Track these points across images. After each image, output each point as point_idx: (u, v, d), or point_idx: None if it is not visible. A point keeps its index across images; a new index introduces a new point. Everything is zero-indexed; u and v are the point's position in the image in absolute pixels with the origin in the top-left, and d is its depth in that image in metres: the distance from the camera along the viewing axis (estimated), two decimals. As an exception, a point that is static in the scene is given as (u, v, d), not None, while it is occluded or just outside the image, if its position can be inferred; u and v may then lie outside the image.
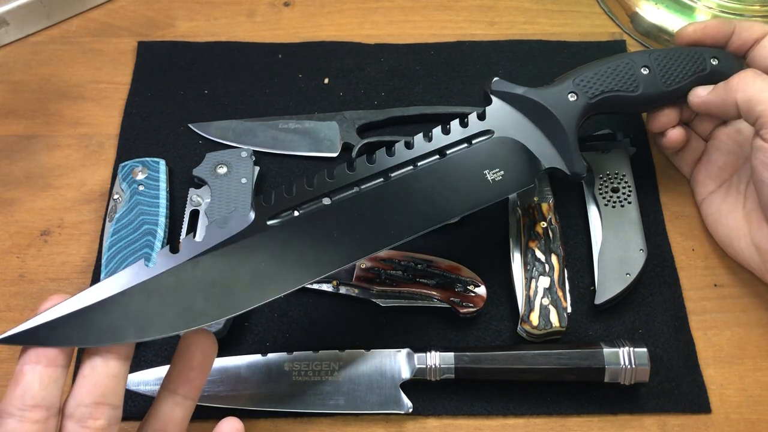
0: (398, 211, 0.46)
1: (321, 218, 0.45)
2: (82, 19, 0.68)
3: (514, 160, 0.49)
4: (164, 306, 0.40)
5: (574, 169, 0.50)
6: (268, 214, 0.44)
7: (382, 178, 0.47)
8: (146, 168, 0.56)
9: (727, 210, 0.54)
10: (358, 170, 0.46)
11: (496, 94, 0.51)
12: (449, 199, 0.47)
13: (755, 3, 0.65)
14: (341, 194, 0.45)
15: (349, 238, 0.44)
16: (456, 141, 0.49)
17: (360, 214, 0.45)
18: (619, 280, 0.52)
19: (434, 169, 0.48)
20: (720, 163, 0.55)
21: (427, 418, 0.49)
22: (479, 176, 0.48)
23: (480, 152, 0.49)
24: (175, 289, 0.40)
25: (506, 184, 0.48)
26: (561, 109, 0.50)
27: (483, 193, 0.48)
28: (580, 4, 0.70)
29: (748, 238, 0.52)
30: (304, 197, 0.45)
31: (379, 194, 0.46)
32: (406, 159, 0.47)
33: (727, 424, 0.49)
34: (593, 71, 0.52)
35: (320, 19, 0.69)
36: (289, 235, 0.44)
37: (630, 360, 0.47)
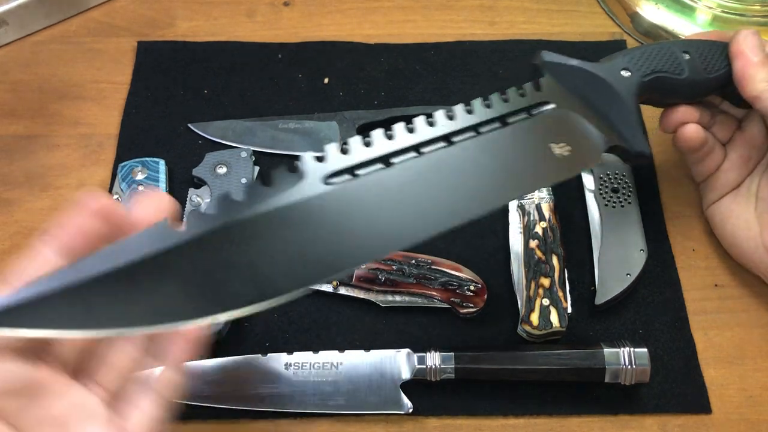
0: (465, 180, 0.40)
1: (381, 184, 0.38)
2: (82, 18, 0.68)
3: (577, 135, 0.44)
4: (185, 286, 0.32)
5: (637, 147, 0.45)
6: (322, 173, 0.37)
7: (445, 143, 0.41)
8: (146, 168, 0.56)
9: (737, 212, 0.53)
10: (418, 131, 0.41)
11: (547, 66, 0.47)
12: (516, 173, 0.42)
13: (755, 3, 0.65)
14: (401, 158, 0.39)
15: (413, 210, 0.38)
16: (516, 110, 0.43)
17: (423, 183, 0.39)
18: (620, 281, 0.52)
19: (497, 138, 0.42)
20: (738, 170, 0.54)
21: (427, 418, 0.49)
22: (545, 149, 0.43)
23: (542, 123, 0.44)
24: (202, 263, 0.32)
25: (575, 160, 0.43)
26: (619, 83, 0.47)
27: (551, 169, 0.42)
28: (580, 4, 0.70)
29: (757, 239, 0.52)
30: (360, 158, 0.38)
31: (441, 160, 0.40)
32: (467, 125, 0.42)
33: (727, 424, 0.49)
34: (640, 51, 0.49)
35: (320, 19, 0.69)
36: (348, 202, 0.37)
37: (630, 360, 0.47)
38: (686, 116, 0.52)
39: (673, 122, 0.52)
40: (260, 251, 0.34)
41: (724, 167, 0.54)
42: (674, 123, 0.52)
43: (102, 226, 0.33)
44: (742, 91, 0.50)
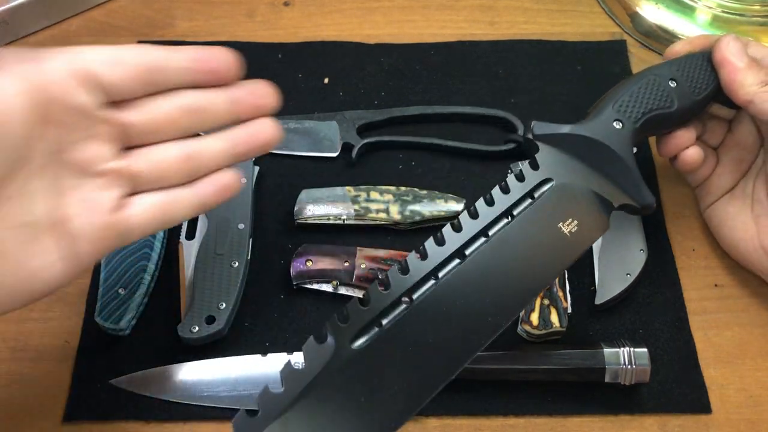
0: (486, 294, 0.41)
1: (407, 326, 0.39)
2: (82, 19, 0.68)
3: (583, 206, 0.44)
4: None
5: (644, 201, 0.45)
6: (348, 335, 0.38)
7: (459, 260, 0.41)
8: (146, 168, 0.56)
9: (734, 213, 0.53)
10: (431, 257, 0.41)
11: (540, 138, 0.46)
12: (533, 265, 0.42)
13: (755, 3, 0.65)
14: (420, 290, 0.40)
15: (445, 342, 0.39)
16: (519, 199, 0.43)
17: (448, 308, 0.40)
18: (620, 280, 0.52)
19: (507, 235, 0.42)
20: (732, 172, 0.54)
21: (427, 418, 0.49)
22: (554, 230, 0.43)
23: (547, 205, 0.43)
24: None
25: (584, 234, 0.43)
26: (613, 140, 0.46)
27: (564, 249, 0.43)
28: (580, 4, 0.70)
29: (755, 241, 0.52)
30: (381, 303, 0.39)
31: (459, 279, 0.40)
32: (475, 231, 0.42)
33: (727, 424, 0.49)
34: (627, 93, 0.48)
35: (320, 19, 0.69)
36: (380, 355, 0.38)
37: (630, 360, 0.47)
38: (684, 141, 0.52)
39: (673, 150, 0.52)
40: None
41: (718, 171, 0.55)
42: (674, 150, 0.52)
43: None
44: (734, 98, 0.50)
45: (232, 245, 0.52)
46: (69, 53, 0.36)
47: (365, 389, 0.37)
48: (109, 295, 0.50)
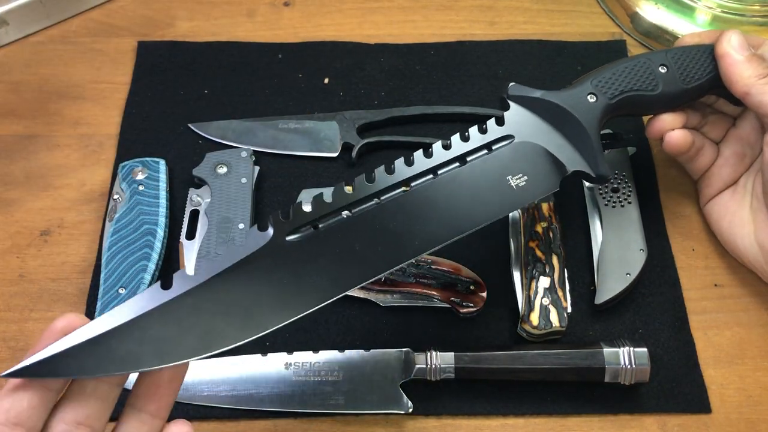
0: (421, 221, 0.44)
1: (341, 232, 0.43)
2: (82, 19, 0.68)
3: (537, 165, 0.47)
4: (182, 330, 0.38)
5: (599, 171, 0.48)
6: (286, 229, 0.42)
7: (403, 188, 0.45)
8: (146, 168, 0.56)
9: (733, 208, 0.54)
10: (378, 181, 0.45)
11: (514, 99, 0.49)
12: (472, 207, 0.45)
13: (755, 3, 0.65)
14: (361, 206, 0.44)
15: (372, 252, 0.43)
16: (476, 148, 0.47)
17: (382, 226, 0.44)
18: (619, 280, 0.52)
19: (455, 177, 0.46)
20: (733, 166, 0.54)
21: (427, 418, 0.49)
22: (502, 182, 0.46)
23: (501, 158, 0.47)
24: (193, 313, 0.38)
25: (531, 190, 0.47)
26: (581, 110, 0.49)
27: (507, 200, 0.46)
28: (580, 4, 0.70)
29: (752, 237, 0.52)
30: (322, 211, 0.43)
31: (400, 205, 0.45)
32: (425, 168, 0.46)
33: (727, 424, 0.49)
34: (611, 71, 0.51)
35: (320, 19, 0.69)
36: (310, 250, 0.42)
37: (630, 360, 0.47)
38: (671, 124, 0.53)
39: (657, 130, 0.53)
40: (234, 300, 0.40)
41: (718, 163, 0.55)
42: (658, 131, 0.53)
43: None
44: (732, 90, 0.50)
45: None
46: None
47: (289, 275, 0.41)
48: (109, 295, 0.50)
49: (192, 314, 0.38)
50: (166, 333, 0.37)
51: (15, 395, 0.34)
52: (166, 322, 0.38)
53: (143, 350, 0.36)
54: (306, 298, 0.41)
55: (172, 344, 0.37)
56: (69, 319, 0.36)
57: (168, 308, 0.38)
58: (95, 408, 0.36)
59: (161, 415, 0.38)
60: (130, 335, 0.37)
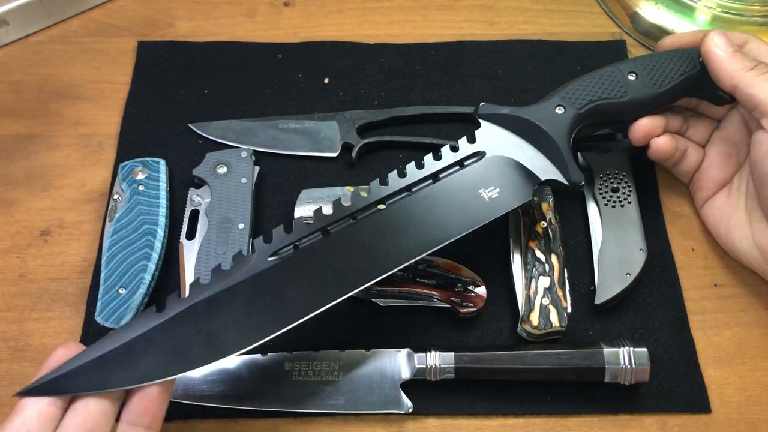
0: (396, 237, 0.47)
1: (319, 251, 0.46)
2: (82, 19, 0.68)
3: (508, 177, 0.50)
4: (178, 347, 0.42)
5: (571, 179, 0.50)
6: (268, 252, 0.45)
7: (379, 206, 0.48)
8: (146, 168, 0.56)
9: (729, 211, 0.54)
10: (354, 202, 0.48)
11: (484, 117, 0.52)
12: (446, 221, 0.48)
13: (755, 3, 0.65)
14: (338, 226, 0.47)
15: (350, 268, 0.46)
16: (448, 165, 0.50)
17: (358, 243, 0.46)
18: (619, 280, 0.52)
19: (428, 194, 0.49)
20: (721, 167, 0.55)
21: (427, 418, 0.49)
22: (474, 195, 0.49)
23: (472, 173, 0.50)
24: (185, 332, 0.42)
25: (503, 200, 0.49)
26: (550, 122, 0.51)
27: (480, 212, 0.48)
28: (580, 4, 0.70)
29: (749, 238, 0.52)
30: (302, 233, 0.46)
31: (375, 222, 0.47)
32: (399, 187, 0.48)
33: (727, 423, 0.49)
34: (579, 83, 0.53)
35: (320, 19, 0.69)
36: (290, 270, 0.45)
37: (630, 360, 0.47)
38: (652, 128, 0.53)
39: (640, 136, 0.54)
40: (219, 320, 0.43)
41: (705, 165, 0.56)
42: (641, 136, 0.54)
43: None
44: (721, 85, 0.51)
45: (233, 245, 0.53)
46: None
47: (272, 293, 0.44)
48: (109, 295, 0.50)
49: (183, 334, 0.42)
50: (164, 351, 0.41)
51: (24, 414, 0.38)
52: (164, 341, 0.42)
53: (144, 367, 0.41)
54: (289, 313, 0.44)
55: (164, 362, 0.41)
56: (69, 348, 0.41)
57: (164, 328, 0.42)
58: (98, 421, 0.39)
59: (155, 427, 0.41)
60: (128, 355, 0.41)
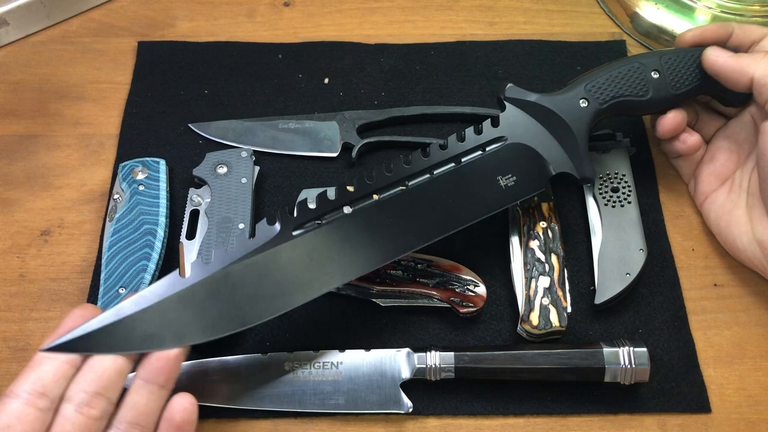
0: (416, 218, 0.48)
1: (343, 227, 0.47)
2: (82, 19, 0.68)
3: (525, 166, 0.50)
4: (197, 314, 0.43)
5: (584, 174, 0.50)
6: (292, 224, 0.46)
7: (401, 187, 0.48)
8: (146, 168, 0.56)
9: (729, 207, 0.54)
10: (377, 179, 0.48)
11: (510, 100, 0.52)
12: (464, 206, 0.48)
13: (755, 3, 0.65)
14: (361, 203, 0.47)
15: (370, 245, 0.46)
16: (471, 148, 0.50)
17: (379, 221, 0.47)
18: (619, 280, 0.52)
19: (450, 177, 0.49)
20: (722, 162, 0.55)
21: (427, 418, 0.49)
22: (493, 182, 0.49)
23: (493, 159, 0.50)
24: (208, 299, 0.43)
25: (518, 189, 0.50)
26: (572, 115, 0.51)
27: (496, 199, 0.49)
28: (580, 4, 0.70)
29: (750, 234, 0.52)
30: (325, 208, 0.47)
31: (397, 202, 0.48)
32: (422, 168, 0.49)
33: (727, 423, 0.49)
34: (605, 76, 0.52)
35: (320, 19, 0.69)
36: (313, 243, 0.46)
37: (630, 360, 0.47)
38: (680, 122, 0.54)
39: (668, 129, 0.54)
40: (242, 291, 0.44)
41: (706, 160, 0.56)
42: (669, 129, 0.54)
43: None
44: (739, 86, 0.51)
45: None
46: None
47: (295, 266, 0.45)
48: (109, 295, 0.50)
49: (205, 300, 0.43)
50: (183, 317, 0.42)
51: (40, 368, 0.39)
52: (184, 308, 0.42)
53: (163, 332, 0.41)
54: (307, 287, 0.45)
55: (187, 327, 0.42)
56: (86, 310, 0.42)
57: (185, 295, 0.43)
58: (112, 379, 0.40)
59: (168, 386, 0.42)
60: (151, 319, 0.42)
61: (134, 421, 0.40)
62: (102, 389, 0.39)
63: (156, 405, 0.41)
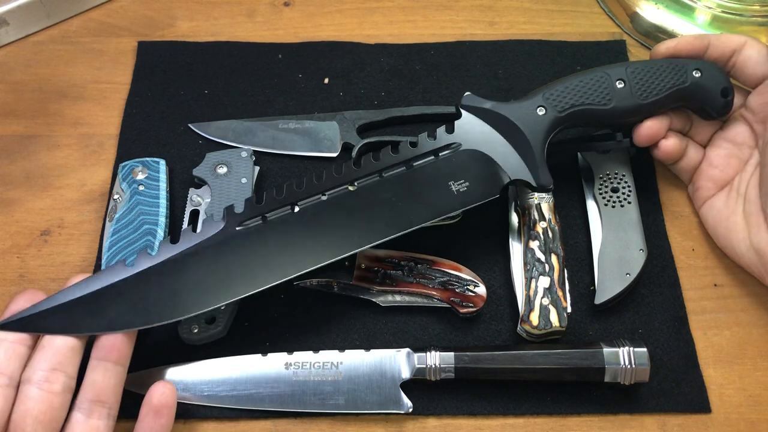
0: (362, 217, 0.48)
1: (287, 224, 0.48)
2: (82, 19, 0.68)
3: (478, 172, 0.50)
4: (134, 306, 0.45)
5: (540, 182, 0.51)
6: (237, 220, 0.48)
7: (348, 186, 0.49)
8: (146, 168, 0.56)
9: (727, 213, 0.54)
10: (325, 180, 0.49)
11: (467, 108, 0.52)
12: (413, 208, 0.49)
13: (755, 3, 0.65)
14: (307, 202, 0.48)
15: (313, 243, 0.47)
16: (422, 153, 0.51)
17: (325, 220, 0.48)
18: (619, 280, 0.52)
19: (399, 179, 0.50)
20: (721, 167, 0.55)
21: (427, 418, 0.49)
22: (444, 187, 0.50)
23: (445, 164, 0.51)
24: (147, 291, 0.46)
25: (470, 195, 0.50)
26: (528, 123, 0.51)
27: (446, 203, 0.49)
28: (580, 4, 0.70)
29: (747, 241, 0.52)
30: (272, 206, 0.48)
31: (343, 202, 0.49)
32: (372, 170, 0.50)
33: (727, 423, 0.49)
34: (564, 85, 0.53)
35: (320, 19, 0.69)
36: (255, 239, 0.47)
37: (630, 360, 0.47)
38: (657, 131, 0.54)
39: (644, 138, 0.54)
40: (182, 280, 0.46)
41: (704, 165, 0.56)
42: (645, 139, 0.54)
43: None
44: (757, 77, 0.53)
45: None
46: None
47: (236, 260, 0.46)
48: (109, 295, 0.50)
49: (149, 289, 0.46)
50: (126, 304, 0.45)
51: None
52: (128, 294, 0.45)
53: (106, 317, 0.44)
54: (247, 282, 0.46)
55: (128, 314, 0.45)
56: (28, 295, 0.44)
57: (128, 283, 0.45)
58: (67, 356, 0.42)
59: (122, 362, 0.44)
60: (95, 304, 0.44)
61: (95, 399, 0.42)
62: (58, 365, 0.41)
63: (114, 381, 0.43)
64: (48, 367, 0.41)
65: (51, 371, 0.41)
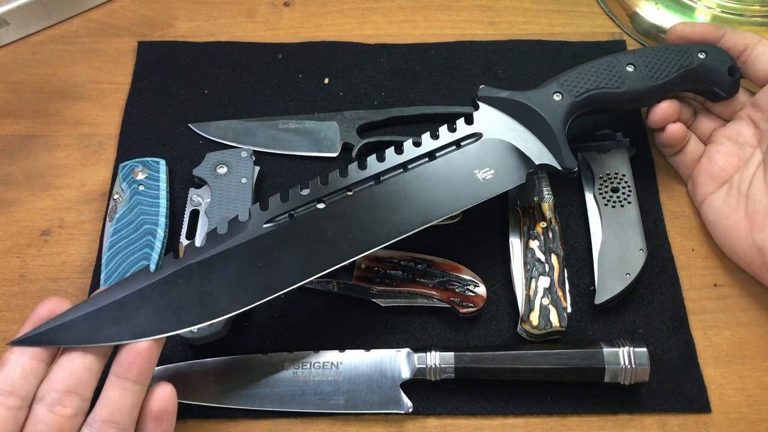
0: (389, 211, 0.48)
1: (314, 221, 0.47)
2: (82, 19, 0.68)
3: (503, 159, 0.50)
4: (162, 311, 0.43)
5: (564, 164, 0.51)
6: (264, 218, 0.46)
7: (373, 182, 0.49)
8: (146, 168, 0.56)
9: (728, 212, 0.54)
10: (351, 175, 0.48)
11: (483, 99, 0.53)
12: (439, 199, 0.49)
13: (755, 3, 0.65)
14: (334, 198, 0.48)
15: (342, 239, 0.46)
16: (445, 144, 0.50)
17: (352, 215, 0.47)
18: (619, 280, 0.52)
19: (423, 171, 0.49)
20: (720, 164, 0.55)
21: (427, 418, 0.49)
22: (469, 176, 0.50)
23: (468, 153, 0.50)
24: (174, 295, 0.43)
25: (497, 182, 0.50)
26: (547, 108, 0.52)
27: (474, 191, 0.49)
28: (580, 4, 0.70)
29: (749, 240, 0.52)
30: (298, 202, 0.47)
31: (370, 196, 0.48)
32: (396, 163, 0.49)
33: (727, 423, 0.49)
34: (577, 72, 0.54)
35: (320, 19, 0.69)
36: (284, 237, 0.46)
37: (630, 360, 0.47)
38: (671, 112, 0.55)
39: (659, 118, 0.55)
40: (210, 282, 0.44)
41: (704, 161, 0.56)
42: (660, 118, 0.55)
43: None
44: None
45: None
46: None
47: (266, 259, 0.45)
48: (109, 295, 0.50)
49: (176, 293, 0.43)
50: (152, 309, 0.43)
51: (8, 366, 0.39)
52: (155, 300, 0.43)
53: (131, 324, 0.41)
54: (280, 280, 0.45)
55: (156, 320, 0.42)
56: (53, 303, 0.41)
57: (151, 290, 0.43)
58: (83, 378, 0.40)
59: (142, 381, 0.41)
60: (120, 311, 0.42)
61: (109, 419, 0.40)
62: (73, 386, 0.39)
63: (130, 401, 0.40)
64: (63, 387, 0.39)
65: (65, 393, 0.39)
